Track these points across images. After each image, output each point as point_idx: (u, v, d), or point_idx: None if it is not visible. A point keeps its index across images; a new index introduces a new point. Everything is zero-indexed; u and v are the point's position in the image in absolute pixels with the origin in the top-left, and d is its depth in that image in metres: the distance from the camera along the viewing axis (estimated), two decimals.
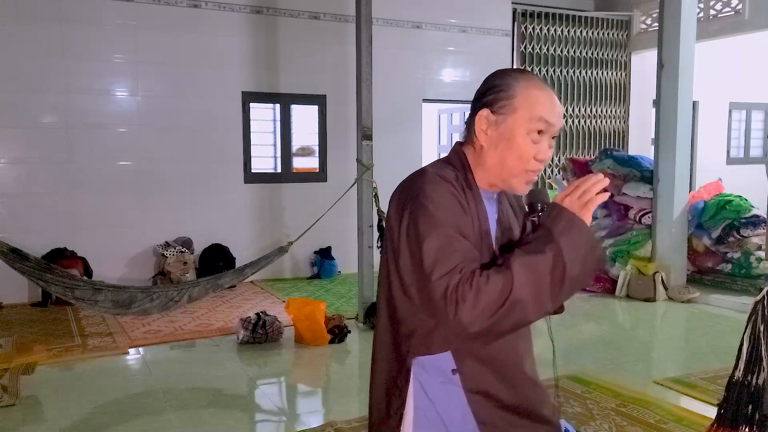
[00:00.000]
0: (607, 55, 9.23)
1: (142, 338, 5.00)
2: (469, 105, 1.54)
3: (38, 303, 6.00)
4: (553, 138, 1.45)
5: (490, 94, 1.44)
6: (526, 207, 1.46)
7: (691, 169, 8.84)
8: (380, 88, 6.50)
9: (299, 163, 7.56)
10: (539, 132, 1.41)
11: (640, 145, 9.36)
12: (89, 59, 6.35)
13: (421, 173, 1.44)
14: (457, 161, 1.48)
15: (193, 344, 4.96)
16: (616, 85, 9.34)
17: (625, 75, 9.40)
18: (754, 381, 2.45)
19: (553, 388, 1.56)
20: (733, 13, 8.01)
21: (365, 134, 5.30)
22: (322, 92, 7.43)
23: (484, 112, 1.44)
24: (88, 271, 6.11)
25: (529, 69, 8.68)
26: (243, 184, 7.14)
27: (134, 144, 6.59)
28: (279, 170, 7.40)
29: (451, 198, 1.36)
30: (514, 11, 8.59)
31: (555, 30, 8.83)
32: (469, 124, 1.49)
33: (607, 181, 1.36)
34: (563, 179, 7.78)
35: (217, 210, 6.98)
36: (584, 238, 1.31)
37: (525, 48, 8.68)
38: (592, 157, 7.82)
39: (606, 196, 1.36)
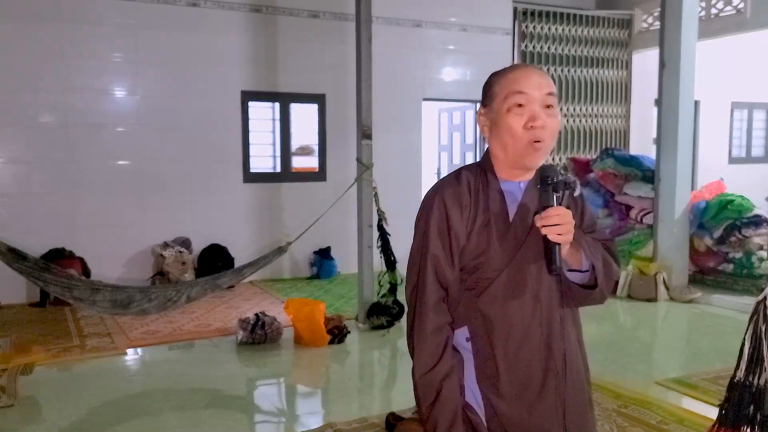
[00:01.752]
0: (609, 54, 9.20)
1: (140, 339, 4.98)
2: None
3: (36, 303, 5.98)
4: (548, 107, 1.53)
5: (482, 94, 1.63)
6: (539, 180, 1.54)
7: (693, 169, 8.84)
8: (380, 87, 6.47)
9: (298, 163, 7.54)
10: (519, 105, 1.52)
11: (641, 144, 9.34)
12: (88, 58, 6.33)
13: (439, 181, 1.65)
14: (482, 160, 1.67)
15: (191, 345, 4.94)
16: (617, 84, 9.32)
17: (627, 74, 9.38)
18: (755, 381, 2.43)
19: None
20: (734, 12, 7.98)
21: (365, 133, 5.28)
22: (321, 91, 7.41)
23: (480, 110, 1.63)
24: (86, 271, 6.10)
25: None
26: (242, 184, 7.12)
27: (133, 143, 6.57)
28: (278, 170, 7.37)
29: (443, 208, 1.57)
30: (515, 10, 8.56)
31: (556, 29, 8.81)
32: None
33: None
34: None
35: (215, 210, 6.96)
36: None
37: (526, 47, 8.66)
38: (594, 157, 7.80)
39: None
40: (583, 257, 1.58)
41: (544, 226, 1.46)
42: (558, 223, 1.46)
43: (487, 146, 1.67)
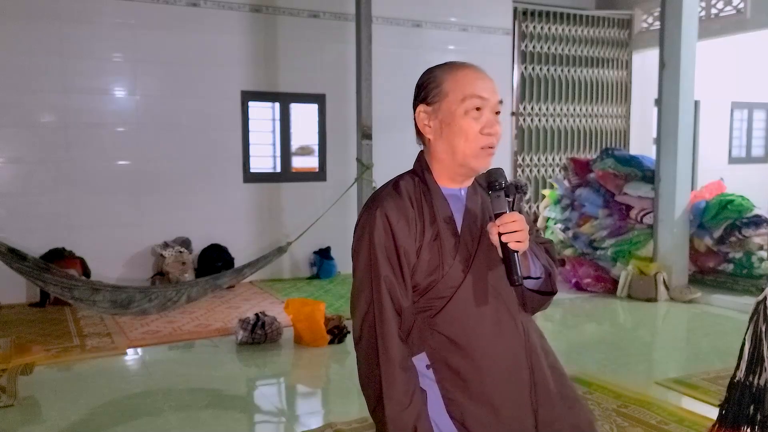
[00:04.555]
0: (609, 54, 9.20)
1: (140, 339, 4.98)
2: None
3: (36, 303, 5.97)
4: (497, 113, 1.48)
5: (421, 91, 1.51)
6: (486, 186, 1.47)
7: (693, 169, 8.84)
8: (380, 87, 6.47)
9: (298, 163, 7.54)
10: (477, 109, 1.44)
11: (641, 144, 9.35)
12: (87, 58, 6.33)
13: (375, 195, 1.51)
14: (418, 166, 1.54)
15: (191, 345, 4.94)
16: (617, 84, 9.32)
17: (627, 74, 9.38)
18: (755, 381, 2.43)
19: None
20: (734, 12, 7.98)
21: (365, 133, 5.29)
22: (321, 91, 7.40)
23: (420, 108, 1.50)
24: (86, 271, 6.09)
25: (530, 68, 8.69)
26: (242, 184, 7.11)
27: (133, 143, 6.57)
28: (278, 170, 7.37)
29: (387, 225, 1.43)
30: (515, 10, 8.56)
31: (556, 29, 8.81)
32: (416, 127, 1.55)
33: None
34: (564, 179, 7.76)
35: (215, 210, 6.96)
36: None
37: (526, 47, 8.66)
38: (594, 157, 7.80)
39: None
40: (531, 263, 1.52)
41: (503, 233, 1.39)
42: (517, 230, 1.39)
43: (420, 150, 1.56)
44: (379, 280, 1.42)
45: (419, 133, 1.54)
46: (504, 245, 1.40)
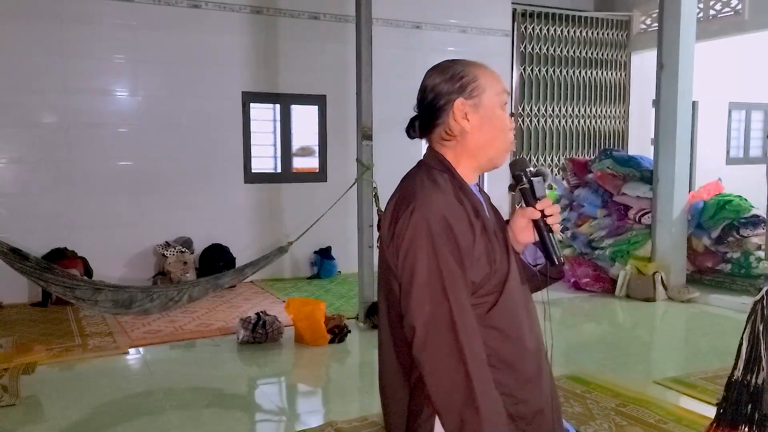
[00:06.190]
0: (607, 55, 9.23)
1: (142, 338, 5.00)
2: None
3: (38, 303, 5.99)
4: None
5: (455, 84, 1.48)
6: (512, 178, 1.53)
7: (691, 169, 8.83)
8: (380, 88, 6.48)
9: (299, 163, 7.56)
10: (505, 104, 1.52)
11: (639, 145, 9.37)
12: (89, 59, 6.35)
13: (421, 194, 1.43)
14: (440, 164, 1.51)
15: (193, 344, 4.96)
16: (615, 85, 9.35)
17: (625, 75, 9.41)
18: (753, 380, 2.46)
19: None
20: (732, 13, 8.01)
21: (365, 134, 5.31)
22: (322, 92, 7.43)
23: (459, 101, 1.47)
24: (88, 271, 6.11)
25: (529, 69, 8.72)
26: (243, 184, 7.14)
27: (134, 144, 6.59)
28: (279, 170, 7.40)
29: (445, 223, 1.38)
30: (514, 11, 8.59)
31: (555, 30, 8.84)
32: (431, 124, 1.51)
33: None
34: (563, 179, 7.79)
35: (217, 210, 6.98)
36: None
37: (525, 48, 8.69)
38: (592, 157, 7.82)
39: None
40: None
41: (548, 215, 1.47)
42: (556, 212, 1.49)
43: (429, 148, 1.55)
44: (454, 281, 1.37)
45: (431, 131, 1.53)
46: (540, 228, 1.48)
